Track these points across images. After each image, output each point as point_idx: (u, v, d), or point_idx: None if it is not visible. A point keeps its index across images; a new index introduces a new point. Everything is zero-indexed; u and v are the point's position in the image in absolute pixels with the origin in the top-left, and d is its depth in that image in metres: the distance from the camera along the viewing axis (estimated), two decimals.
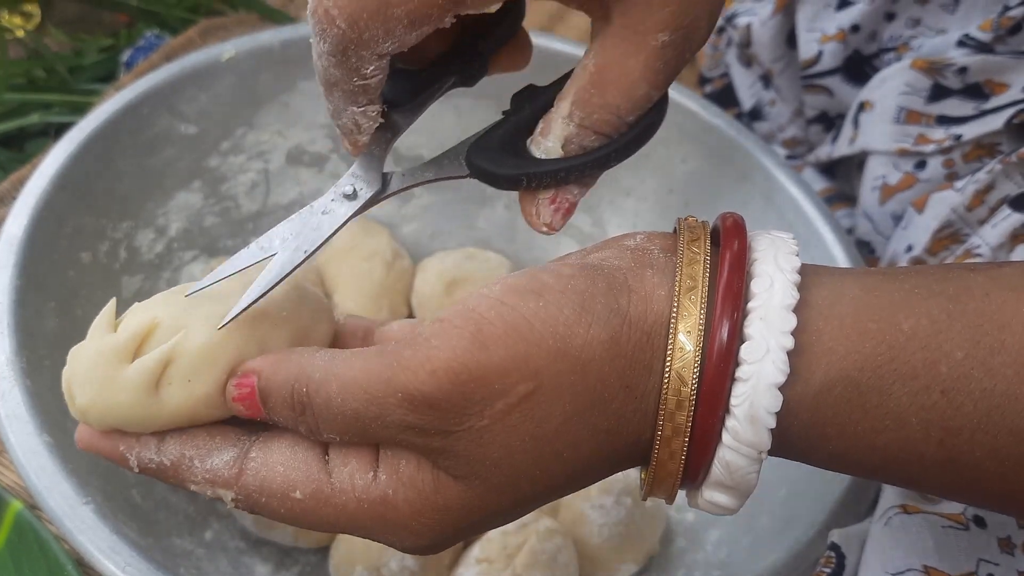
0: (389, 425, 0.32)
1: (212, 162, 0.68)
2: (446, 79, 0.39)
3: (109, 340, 0.35)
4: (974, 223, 0.57)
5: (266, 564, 0.58)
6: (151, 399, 0.34)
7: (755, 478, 0.33)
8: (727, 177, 0.67)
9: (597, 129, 0.35)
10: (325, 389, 0.32)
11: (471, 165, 0.37)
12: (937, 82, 0.62)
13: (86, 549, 0.45)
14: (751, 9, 0.76)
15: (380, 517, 0.33)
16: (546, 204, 0.37)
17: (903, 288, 0.32)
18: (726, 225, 0.34)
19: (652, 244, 0.34)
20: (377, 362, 0.32)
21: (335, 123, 0.38)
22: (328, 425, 0.33)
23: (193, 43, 0.78)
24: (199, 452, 0.35)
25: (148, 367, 0.34)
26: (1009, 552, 0.42)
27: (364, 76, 0.34)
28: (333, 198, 0.37)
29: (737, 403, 0.31)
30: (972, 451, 0.31)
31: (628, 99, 0.35)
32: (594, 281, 0.32)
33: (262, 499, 0.34)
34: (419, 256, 0.73)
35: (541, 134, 0.36)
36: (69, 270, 0.58)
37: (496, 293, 0.32)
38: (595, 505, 0.58)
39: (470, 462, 0.32)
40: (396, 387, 0.31)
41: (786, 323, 0.31)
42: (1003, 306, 0.31)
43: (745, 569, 0.55)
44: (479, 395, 0.31)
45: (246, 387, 0.34)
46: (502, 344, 0.31)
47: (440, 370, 0.31)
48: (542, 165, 0.36)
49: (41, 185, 0.57)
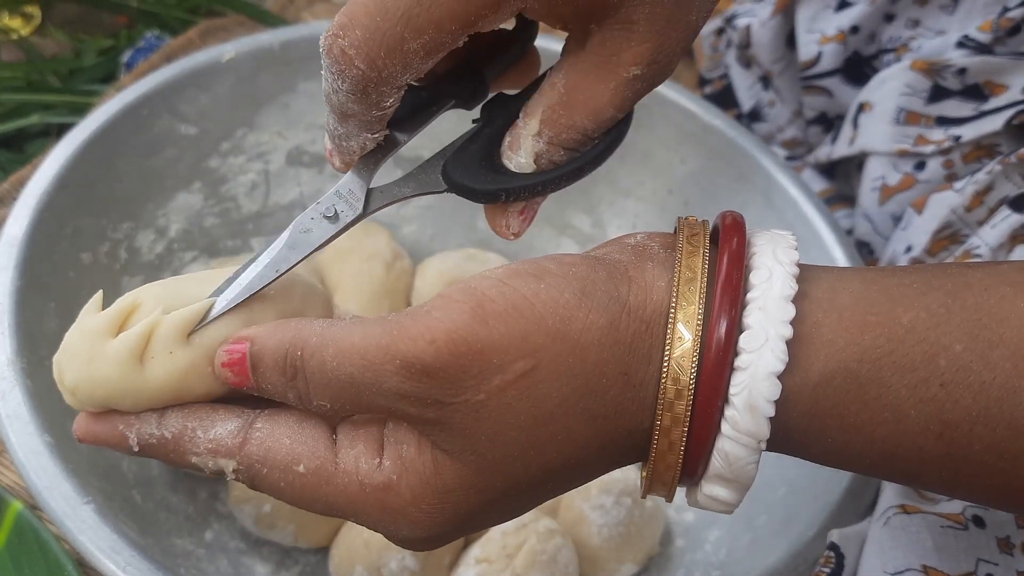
0: (384, 393, 0.32)
1: (212, 163, 0.68)
2: (445, 101, 0.39)
3: (93, 318, 0.36)
4: (973, 224, 0.57)
5: (266, 564, 0.58)
6: (136, 372, 0.34)
7: (754, 469, 0.33)
8: (727, 178, 0.68)
9: (566, 146, 0.36)
10: (320, 354, 0.32)
11: (448, 180, 0.37)
12: (936, 83, 0.62)
13: (86, 549, 0.45)
14: (751, 10, 0.76)
15: (380, 503, 0.33)
16: (515, 215, 0.37)
17: (902, 283, 0.32)
18: (725, 223, 0.34)
19: (653, 241, 0.35)
20: (376, 329, 0.32)
21: (335, 144, 0.38)
22: (320, 391, 0.33)
23: (193, 44, 0.79)
24: (202, 423, 0.35)
25: (130, 339, 0.34)
26: (1008, 552, 0.42)
27: (383, 108, 0.35)
28: (313, 216, 0.37)
29: (736, 392, 0.31)
30: (971, 445, 0.31)
31: (595, 121, 0.35)
32: (595, 269, 0.33)
33: (264, 470, 0.34)
34: (419, 257, 0.73)
35: (511, 148, 0.37)
36: (70, 271, 0.58)
37: (498, 274, 0.32)
38: (595, 505, 0.58)
39: (465, 436, 0.32)
40: (394, 354, 0.31)
41: (785, 312, 0.31)
42: (1002, 300, 0.31)
43: (744, 569, 0.55)
44: (476, 368, 0.31)
45: (237, 352, 0.34)
46: (502, 321, 0.31)
47: (440, 340, 0.31)
48: (519, 180, 0.36)
49: (42, 186, 0.57)
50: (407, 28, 0.32)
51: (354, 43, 0.32)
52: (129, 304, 0.36)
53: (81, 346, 0.35)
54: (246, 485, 0.35)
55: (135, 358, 0.34)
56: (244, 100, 0.68)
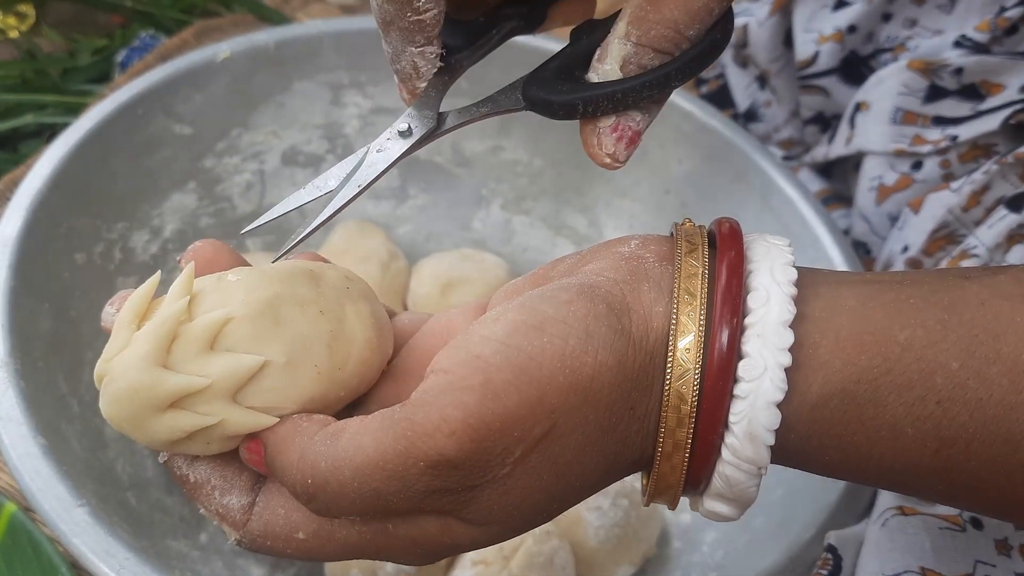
0: (414, 495, 0.31)
1: (207, 163, 0.68)
2: (505, 24, 0.38)
3: (143, 346, 0.32)
4: (970, 224, 0.57)
5: (261, 567, 0.58)
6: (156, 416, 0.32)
7: (755, 491, 0.33)
8: (723, 178, 0.67)
9: (656, 46, 0.33)
10: (336, 478, 0.31)
11: (526, 96, 0.35)
12: (933, 83, 0.62)
13: (81, 551, 0.45)
14: (747, 9, 0.76)
15: (384, 546, 0.33)
16: (608, 133, 0.34)
17: (899, 298, 0.32)
18: (722, 232, 0.33)
19: (647, 252, 0.33)
20: (389, 435, 0.30)
21: (393, 68, 0.37)
22: (346, 508, 0.32)
23: (188, 44, 0.78)
24: (223, 483, 0.34)
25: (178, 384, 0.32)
26: (1006, 554, 0.42)
27: (418, 10, 0.34)
28: (389, 136, 0.37)
29: (736, 420, 0.31)
30: (968, 460, 0.31)
31: (686, 11, 0.33)
32: (593, 302, 0.31)
33: (267, 542, 0.34)
34: (415, 257, 0.73)
35: (598, 60, 0.34)
36: (64, 271, 0.58)
37: (498, 335, 0.31)
38: (592, 507, 0.58)
39: (492, 510, 0.31)
40: (416, 457, 0.30)
41: (783, 340, 0.31)
42: (998, 315, 0.31)
43: (741, 571, 0.55)
44: (500, 446, 0.30)
45: (255, 454, 0.33)
46: (514, 390, 0.30)
47: (459, 431, 0.29)
48: (599, 88, 0.34)
49: (36, 186, 0.57)
50: None
51: None
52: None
53: (133, 386, 0.32)
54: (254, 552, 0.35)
55: (162, 407, 0.32)
56: (239, 100, 0.68)
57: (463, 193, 0.74)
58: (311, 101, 0.70)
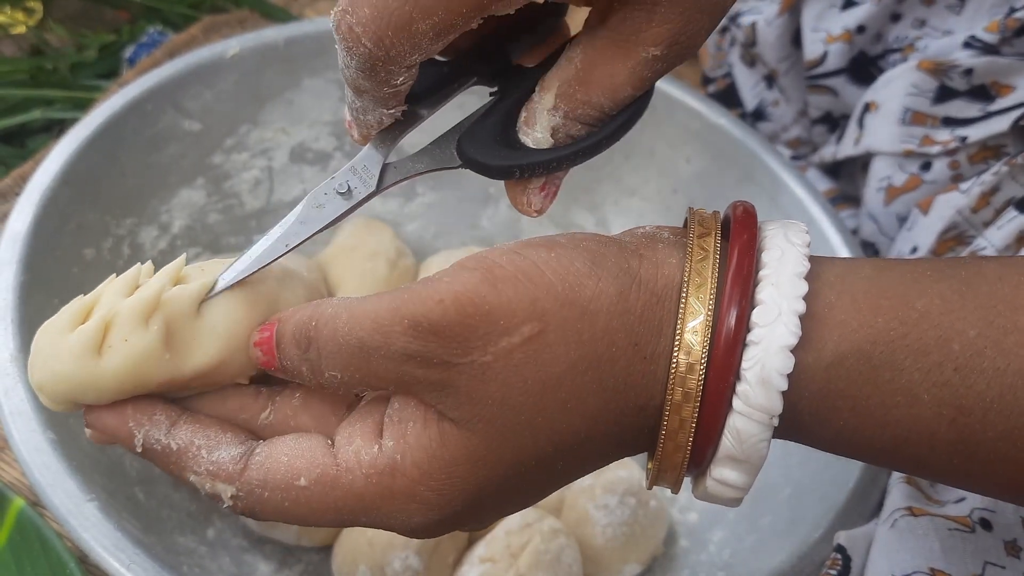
0: (392, 355, 0.32)
1: (216, 159, 0.68)
2: (468, 78, 0.39)
3: (56, 316, 0.36)
4: (979, 225, 0.57)
5: (269, 562, 0.58)
6: (93, 364, 0.34)
7: (766, 447, 0.32)
8: (731, 177, 0.67)
9: (583, 121, 0.36)
10: (333, 322, 0.33)
11: (463, 156, 0.37)
12: (943, 83, 0.62)
13: (90, 546, 0.45)
14: (755, 8, 0.75)
15: (388, 490, 0.33)
16: (536, 192, 0.37)
17: (915, 270, 0.33)
18: (737, 213, 0.34)
19: (663, 230, 0.35)
20: (388, 295, 0.32)
21: (354, 116, 0.37)
22: (331, 359, 0.33)
23: (196, 40, 0.78)
24: (208, 442, 0.35)
25: (86, 331, 0.35)
26: (1015, 555, 0.42)
27: (394, 86, 0.34)
28: (327, 192, 0.37)
29: (748, 366, 0.31)
30: (984, 432, 0.31)
31: (611, 99, 0.35)
32: (606, 244, 0.33)
33: (265, 493, 0.34)
34: (422, 255, 0.73)
35: (527, 124, 0.36)
36: (73, 266, 0.58)
37: (511, 245, 0.33)
38: (599, 505, 0.58)
39: (471, 401, 0.32)
40: (403, 314, 0.31)
41: (797, 288, 0.31)
42: (1016, 288, 0.31)
43: (749, 570, 0.55)
44: (483, 329, 0.31)
45: (266, 331, 0.35)
46: (511, 285, 0.31)
47: (447, 300, 0.31)
48: (534, 156, 0.36)
49: (45, 181, 0.57)
50: (416, 8, 0.31)
51: (361, 20, 0.32)
52: (89, 303, 0.36)
53: (43, 344, 0.36)
54: (247, 516, 0.35)
55: (91, 350, 0.34)
56: (248, 96, 0.68)
57: (471, 191, 0.74)
58: (320, 98, 0.70)
